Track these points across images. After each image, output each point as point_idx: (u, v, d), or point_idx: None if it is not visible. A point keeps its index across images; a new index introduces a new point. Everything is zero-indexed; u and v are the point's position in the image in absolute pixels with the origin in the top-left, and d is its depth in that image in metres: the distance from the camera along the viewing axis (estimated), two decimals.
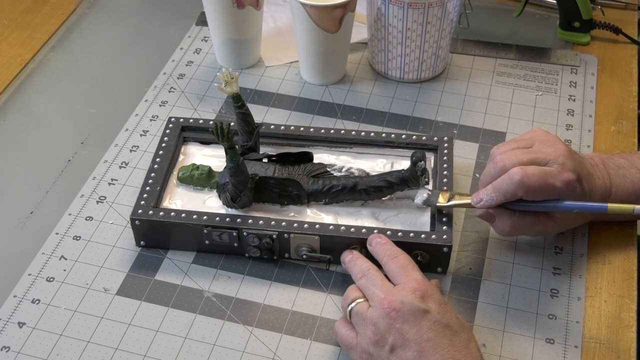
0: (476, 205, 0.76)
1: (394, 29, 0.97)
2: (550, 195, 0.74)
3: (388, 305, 0.68)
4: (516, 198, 0.74)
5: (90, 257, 0.82)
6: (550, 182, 0.73)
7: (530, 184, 0.73)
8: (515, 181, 0.73)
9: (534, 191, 0.73)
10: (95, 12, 1.17)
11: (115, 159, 0.93)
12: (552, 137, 0.78)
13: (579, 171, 0.75)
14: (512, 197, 0.74)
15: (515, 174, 0.73)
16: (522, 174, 0.73)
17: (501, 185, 0.74)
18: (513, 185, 0.73)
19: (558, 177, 0.74)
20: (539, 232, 0.81)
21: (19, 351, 0.74)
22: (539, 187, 0.73)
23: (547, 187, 0.73)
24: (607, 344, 0.75)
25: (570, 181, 0.74)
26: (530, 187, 0.73)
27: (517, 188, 0.73)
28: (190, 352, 0.74)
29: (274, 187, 0.82)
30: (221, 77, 0.82)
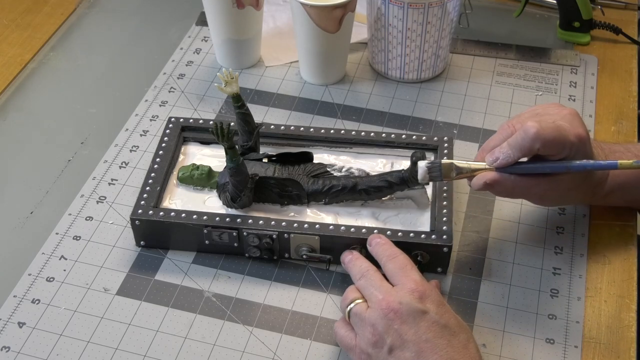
0: (492, 165, 0.74)
1: (394, 29, 0.97)
2: (565, 150, 0.73)
3: (386, 306, 0.68)
4: (533, 153, 0.73)
5: (90, 257, 0.82)
6: (564, 135, 0.72)
7: (546, 136, 0.71)
8: (531, 134, 0.71)
9: (550, 143, 0.72)
10: (95, 12, 1.17)
11: (115, 159, 0.93)
12: (554, 103, 0.79)
13: (587, 130, 0.75)
14: (529, 151, 0.72)
15: (531, 127, 0.71)
16: (537, 127, 0.71)
17: (516, 141, 0.72)
18: (529, 139, 0.71)
19: (570, 132, 0.73)
20: (538, 195, 0.78)
21: (19, 351, 0.74)
22: (554, 139, 0.72)
23: (562, 140, 0.72)
24: (607, 344, 0.75)
25: (582, 136, 0.73)
26: (546, 138, 0.71)
27: (534, 141, 0.71)
28: (190, 352, 0.74)
29: (274, 187, 0.82)
30: (221, 77, 0.82)
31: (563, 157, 0.73)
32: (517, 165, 0.74)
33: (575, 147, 0.73)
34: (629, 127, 0.97)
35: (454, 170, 0.76)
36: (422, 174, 0.76)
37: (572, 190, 0.78)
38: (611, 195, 0.81)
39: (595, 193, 0.80)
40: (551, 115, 0.76)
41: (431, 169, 0.76)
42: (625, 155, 0.81)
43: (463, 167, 0.76)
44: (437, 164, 0.76)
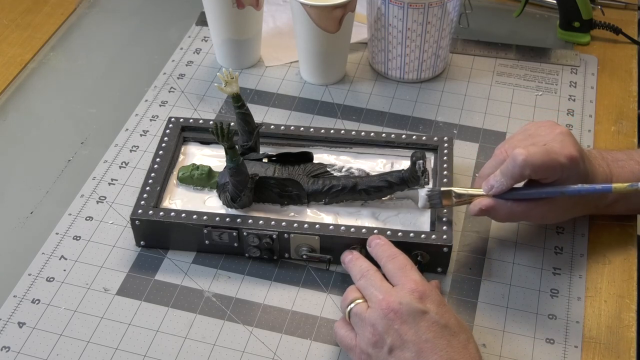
0: (488, 193, 0.76)
1: (394, 29, 0.97)
2: (556, 172, 0.74)
3: (386, 306, 0.68)
4: (524, 179, 0.74)
5: (90, 257, 0.82)
6: (554, 158, 0.73)
7: (534, 162, 0.72)
8: (519, 161, 0.73)
9: (540, 168, 0.73)
10: (95, 12, 1.17)
11: (115, 159, 0.93)
12: (546, 122, 0.79)
13: (579, 149, 0.75)
14: (520, 177, 0.74)
15: (519, 154, 0.73)
16: (525, 153, 0.73)
17: (507, 169, 0.74)
18: (518, 166, 0.73)
19: (561, 153, 0.74)
20: (538, 218, 0.80)
21: (19, 351, 0.74)
22: (543, 164, 0.73)
23: (551, 163, 0.73)
24: (607, 344, 0.75)
25: (573, 156, 0.74)
26: (534, 164, 0.73)
27: (523, 168, 0.73)
28: (190, 352, 0.74)
29: (274, 187, 0.82)
30: (221, 77, 0.82)
31: (556, 179, 0.74)
32: (512, 192, 0.76)
33: (567, 168, 0.74)
34: (629, 127, 0.97)
35: (453, 197, 0.78)
36: (422, 202, 0.79)
37: (571, 208, 0.80)
38: (615, 205, 0.82)
39: (597, 206, 0.82)
40: (542, 136, 0.77)
41: (431, 197, 0.79)
42: (627, 164, 0.81)
43: (462, 194, 0.78)
44: (437, 192, 0.79)
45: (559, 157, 0.73)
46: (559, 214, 0.79)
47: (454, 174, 0.85)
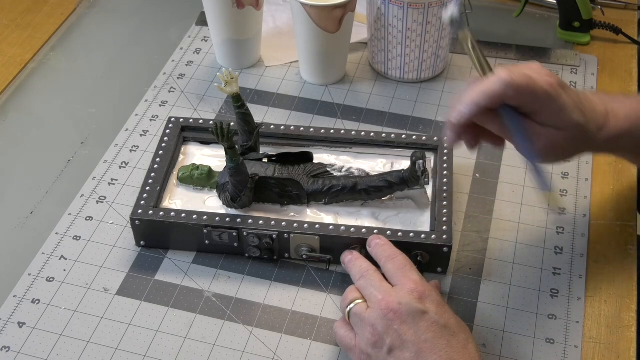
0: (457, 119, 0.70)
1: (394, 29, 0.97)
2: (538, 99, 0.69)
3: (386, 307, 0.68)
4: (502, 101, 0.69)
5: (90, 257, 0.82)
6: (536, 80, 0.69)
7: (518, 81, 0.68)
8: (502, 78, 0.68)
9: (522, 91, 0.68)
10: (95, 12, 1.17)
11: (115, 159, 0.93)
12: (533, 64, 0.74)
13: (560, 80, 0.71)
14: (499, 98, 0.69)
15: (502, 72, 0.68)
16: (508, 72, 0.68)
17: (487, 86, 0.69)
18: (500, 83, 0.68)
19: (541, 79, 0.69)
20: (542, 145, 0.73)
21: (19, 351, 0.74)
22: (526, 86, 0.68)
23: (534, 87, 0.68)
24: (607, 344, 0.75)
25: (552, 84, 0.69)
26: (519, 84, 0.68)
27: (506, 86, 0.68)
28: (190, 352, 0.74)
29: (274, 187, 0.82)
30: (221, 77, 0.82)
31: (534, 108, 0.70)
32: None
33: (549, 95, 0.69)
34: None
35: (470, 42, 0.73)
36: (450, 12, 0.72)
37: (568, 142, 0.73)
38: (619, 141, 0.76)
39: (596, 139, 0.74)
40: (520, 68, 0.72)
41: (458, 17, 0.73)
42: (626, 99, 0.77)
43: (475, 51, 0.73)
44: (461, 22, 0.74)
45: (539, 81, 0.69)
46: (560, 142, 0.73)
47: (454, 174, 0.85)
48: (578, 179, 0.90)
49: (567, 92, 0.71)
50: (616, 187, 0.89)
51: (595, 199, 0.88)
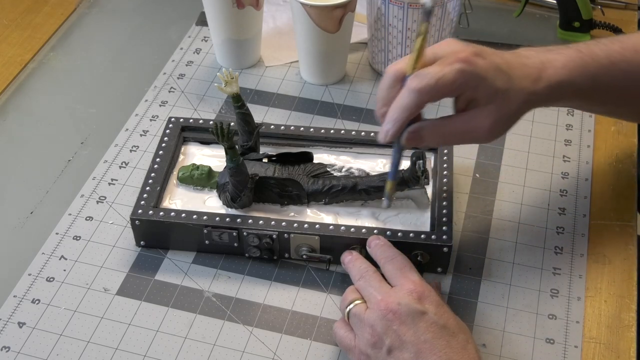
0: (385, 140, 0.71)
1: (394, 29, 0.97)
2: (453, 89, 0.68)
3: (385, 307, 0.68)
4: (422, 107, 0.69)
5: (90, 257, 0.82)
6: (444, 74, 0.67)
7: (426, 86, 0.66)
8: (412, 89, 0.67)
9: (435, 92, 0.67)
10: (95, 12, 1.17)
11: (115, 159, 0.93)
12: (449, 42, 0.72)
13: (475, 50, 0.69)
14: (417, 108, 0.68)
15: (412, 81, 0.67)
16: (417, 80, 0.67)
17: (403, 101, 0.68)
18: (412, 95, 0.67)
19: (450, 66, 0.67)
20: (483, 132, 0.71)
21: (19, 351, 0.74)
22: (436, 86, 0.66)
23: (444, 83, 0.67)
24: (607, 344, 0.75)
25: (465, 59, 0.67)
26: (429, 88, 0.67)
27: (419, 95, 0.67)
28: (190, 352, 0.74)
29: (274, 187, 0.82)
30: (221, 77, 0.82)
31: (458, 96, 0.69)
32: None
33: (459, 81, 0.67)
34: (629, 127, 0.97)
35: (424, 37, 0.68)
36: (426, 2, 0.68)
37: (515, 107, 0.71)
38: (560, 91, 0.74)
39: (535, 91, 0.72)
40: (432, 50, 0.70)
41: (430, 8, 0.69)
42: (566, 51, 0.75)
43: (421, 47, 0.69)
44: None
45: (448, 74, 0.67)
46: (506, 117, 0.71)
47: (454, 174, 0.85)
48: (578, 179, 0.90)
49: (485, 58, 0.69)
50: (616, 187, 0.89)
51: (595, 199, 0.88)
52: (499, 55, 0.71)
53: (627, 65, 0.76)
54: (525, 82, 0.71)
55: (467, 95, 0.69)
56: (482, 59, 0.69)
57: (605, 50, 0.76)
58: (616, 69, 0.75)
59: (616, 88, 0.77)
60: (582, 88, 0.74)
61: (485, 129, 0.70)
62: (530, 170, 0.91)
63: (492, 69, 0.69)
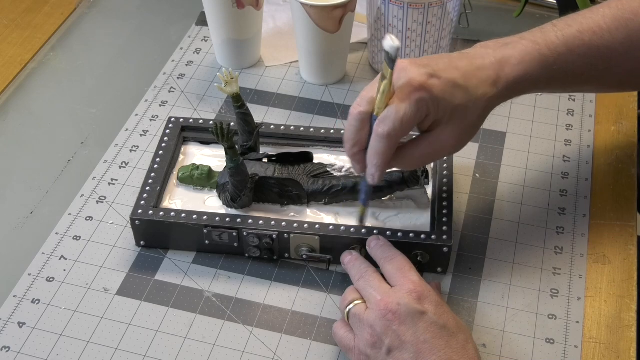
0: (375, 182, 0.72)
1: (394, 29, 0.97)
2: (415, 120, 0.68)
3: (384, 307, 0.68)
4: (396, 145, 0.70)
5: (90, 257, 0.82)
6: (401, 110, 0.67)
7: (391, 129, 0.68)
8: (380, 134, 0.68)
9: (401, 129, 0.68)
10: (95, 12, 1.17)
11: (115, 159, 0.93)
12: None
13: (428, 71, 0.68)
14: (391, 150, 0.70)
15: (377, 126, 0.68)
16: (381, 125, 0.68)
17: (378, 148, 0.69)
18: (382, 140, 0.68)
19: (406, 97, 0.67)
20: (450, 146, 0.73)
21: (19, 351, 0.74)
22: (400, 123, 0.67)
23: (404, 118, 0.67)
24: (607, 344, 0.75)
25: (420, 85, 0.67)
26: (394, 130, 0.68)
27: (388, 139, 0.68)
28: (190, 352, 0.74)
29: (274, 187, 0.82)
30: (221, 77, 0.82)
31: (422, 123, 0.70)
32: None
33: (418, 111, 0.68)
34: (629, 127, 0.97)
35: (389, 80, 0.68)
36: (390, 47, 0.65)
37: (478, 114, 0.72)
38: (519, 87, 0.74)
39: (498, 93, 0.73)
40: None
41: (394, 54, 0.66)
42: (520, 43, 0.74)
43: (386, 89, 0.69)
44: None
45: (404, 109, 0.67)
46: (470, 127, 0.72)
47: (454, 174, 0.85)
48: (578, 179, 0.90)
49: (440, 77, 0.69)
50: (616, 187, 0.89)
51: (595, 199, 0.88)
52: (453, 66, 0.71)
53: (586, 49, 0.75)
54: (483, 89, 0.72)
55: (430, 117, 0.70)
56: (437, 79, 0.69)
57: (562, 37, 0.75)
58: (574, 55, 0.75)
59: (575, 73, 0.76)
60: (540, 79, 0.74)
61: (452, 145, 0.73)
62: (530, 170, 0.91)
63: (449, 88, 0.69)
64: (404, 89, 0.68)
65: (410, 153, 0.73)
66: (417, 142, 0.73)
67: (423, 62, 0.71)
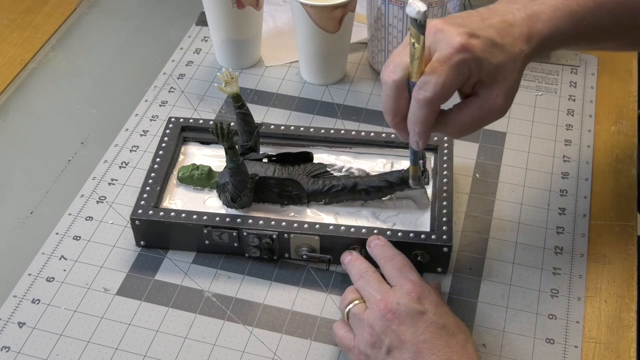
0: (420, 148, 0.70)
1: (394, 29, 0.97)
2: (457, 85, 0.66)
3: (384, 307, 0.68)
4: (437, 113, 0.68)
5: (90, 257, 0.82)
6: (445, 75, 0.65)
7: (433, 94, 0.65)
8: (421, 100, 0.66)
9: (443, 94, 0.66)
10: (95, 12, 1.17)
11: (115, 159, 0.93)
12: None
13: (462, 41, 0.66)
14: (434, 115, 0.68)
15: (418, 93, 0.66)
16: (422, 93, 0.66)
17: (419, 115, 0.67)
18: (423, 107, 0.66)
19: (446, 63, 0.65)
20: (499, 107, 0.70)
21: (19, 351, 0.74)
22: (442, 88, 0.65)
23: (445, 83, 0.65)
24: (607, 344, 0.75)
25: (461, 45, 0.65)
26: (435, 95, 0.65)
27: (430, 105, 0.66)
28: (190, 352, 0.74)
29: (274, 187, 0.82)
30: (221, 77, 0.82)
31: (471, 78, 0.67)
32: None
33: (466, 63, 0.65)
34: (629, 127, 0.97)
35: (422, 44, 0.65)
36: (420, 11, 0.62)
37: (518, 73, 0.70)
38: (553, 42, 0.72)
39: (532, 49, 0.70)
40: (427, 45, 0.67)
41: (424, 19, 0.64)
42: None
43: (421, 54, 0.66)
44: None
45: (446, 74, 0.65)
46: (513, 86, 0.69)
47: (454, 174, 0.85)
48: (578, 179, 0.90)
49: (479, 37, 0.67)
50: (616, 187, 0.89)
51: (595, 199, 0.88)
52: (486, 25, 0.68)
53: (614, 4, 0.74)
54: (518, 46, 0.69)
55: (472, 79, 0.68)
56: (476, 38, 0.66)
57: None
58: (602, 10, 0.73)
59: (603, 28, 0.75)
60: (570, 35, 0.73)
61: (501, 106, 0.69)
62: (530, 170, 0.91)
63: (489, 47, 0.67)
64: (444, 50, 0.66)
65: (457, 119, 0.70)
66: (463, 107, 0.69)
67: (457, 20, 0.68)
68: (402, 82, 0.68)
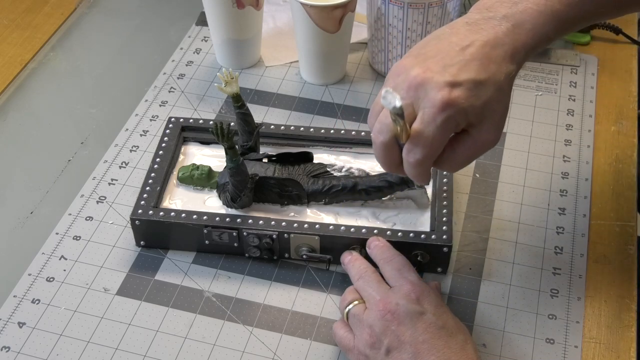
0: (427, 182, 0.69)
1: (394, 29, 0.97)
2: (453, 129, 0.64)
3: (383, 308, 0.68)
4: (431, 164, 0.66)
5: (90, 257, 0.82)
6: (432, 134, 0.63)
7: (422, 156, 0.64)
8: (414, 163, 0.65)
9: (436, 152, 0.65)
10: (95, 12, 1.17)
11: (115, 159, 0.93)
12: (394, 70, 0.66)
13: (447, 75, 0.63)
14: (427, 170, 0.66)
15: (408, 157, 0.65)
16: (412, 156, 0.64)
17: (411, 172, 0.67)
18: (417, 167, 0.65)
19: (434, 111, 0.62)
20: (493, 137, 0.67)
21: (19, 351, 0.74)
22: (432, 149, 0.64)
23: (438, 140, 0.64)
24: (607, 344, 0.75)
25: (444, 101, 0.62)
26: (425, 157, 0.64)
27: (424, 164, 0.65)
28: (190, 352, 0.74)
29: (274, 187, 0.82)
30: (221, 77, 0.82)
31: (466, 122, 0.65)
32: None
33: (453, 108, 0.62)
34: (629, 127, 0.97)
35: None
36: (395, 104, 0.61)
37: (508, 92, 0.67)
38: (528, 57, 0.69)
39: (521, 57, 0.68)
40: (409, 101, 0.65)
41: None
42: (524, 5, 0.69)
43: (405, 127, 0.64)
44: None
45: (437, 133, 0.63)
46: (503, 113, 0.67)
47: (454, 174, 0.85)
48: (578, 179, 0.90)
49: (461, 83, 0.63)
50: (616, 187, 0.89)
51: (595, 199, 0.88)
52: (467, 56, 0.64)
53: None
54: (504, 70, 0.65)
55: (460, 127, 0.65)
56: (458, 87, 0.63)
57: None
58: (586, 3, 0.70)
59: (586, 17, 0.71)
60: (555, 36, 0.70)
61: (492, 140, 0.67)
62: (530, 170, 0.91)
63: (473, 90, 0.63)
64: (427, 110, 0.63)
65: (450, 158, 0.67)
66: (456, 146, 0.67)
67: (434, 59, 0.64)
68: (390, 142, 0.66)
